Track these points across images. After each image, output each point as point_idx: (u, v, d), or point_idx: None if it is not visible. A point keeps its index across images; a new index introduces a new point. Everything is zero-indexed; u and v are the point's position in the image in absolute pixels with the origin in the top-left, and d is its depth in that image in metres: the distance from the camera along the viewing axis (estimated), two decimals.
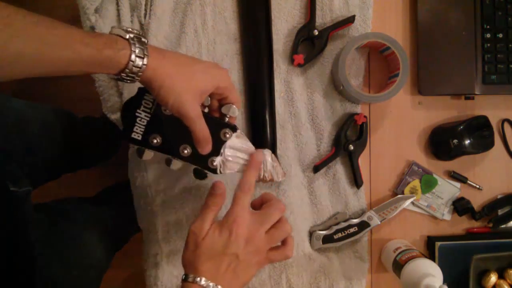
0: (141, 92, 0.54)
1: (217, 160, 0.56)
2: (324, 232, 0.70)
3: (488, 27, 0.70)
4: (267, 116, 0.68)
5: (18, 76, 0.43)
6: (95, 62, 0.44)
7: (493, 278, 0.69)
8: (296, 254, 0.68)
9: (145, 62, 0.47)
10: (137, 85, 0.51)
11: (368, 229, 0.70)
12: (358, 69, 0.72)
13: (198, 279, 0.49)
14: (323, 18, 0.71)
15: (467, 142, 0.69)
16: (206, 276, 0.49)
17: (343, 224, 0.70)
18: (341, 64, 0.66)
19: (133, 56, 0.46)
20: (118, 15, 0.67)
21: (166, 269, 0.67)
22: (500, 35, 0.70)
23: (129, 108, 0.54)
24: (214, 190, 0.55)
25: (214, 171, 0.56)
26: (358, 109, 0.71)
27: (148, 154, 0.55)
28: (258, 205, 0.57)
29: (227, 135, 0.56)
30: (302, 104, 0.71)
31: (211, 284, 0.49)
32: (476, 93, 0.71)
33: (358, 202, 0.72)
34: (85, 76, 0.67)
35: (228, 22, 0.70)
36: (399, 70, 0.66)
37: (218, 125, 0.55)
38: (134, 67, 0.46)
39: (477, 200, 0.74)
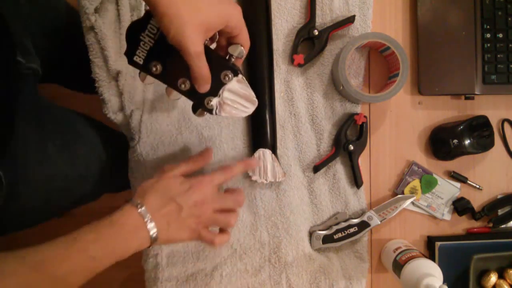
0: (148, 16, 0.50)
1: (214, 101, 0.54)
2: (324, 232, 0.70)
3: (488, 27, 0.70)
4: (267, 116, 0.68)
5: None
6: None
7: (493, 278, 0.69)
8: (296, 254, 0.68)
9: None
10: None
11: (368, 229, 0.70)
12: (358, 69, 0.72)
13: (140, 205, 0.52)
14: (323, 18, 0.71)
15: (467, 142, 0.69)
16: (147, 207, 0.52)
17: (343, 224, 0.70)
18: (341, 64, 0.66)
19: None
20: (118, 15, 0.67)
21: (166, 269, 0.67)
22: (500, 35, 0.70)
23: (134, 30, 0.51)
24: (202, 151, 0.62)
25: (210, 111, 0.55)
26: (358, 109, 0.71)
27: (149, 79, 0.53)
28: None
29: (227, 78, 0.53)
30: (302, 104, 0.71)
31: (148, 215, 0.52)
32: (476, 93, 0.71)
33: (358, 202, 0.72)
34: None
35: None
36: (399, 70, 0.66)
37: (221, 65, 0.52)
38: None
39: (477, 200, 0.74)
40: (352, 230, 0.70)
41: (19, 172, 0.57)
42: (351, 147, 0.69)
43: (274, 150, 0.69)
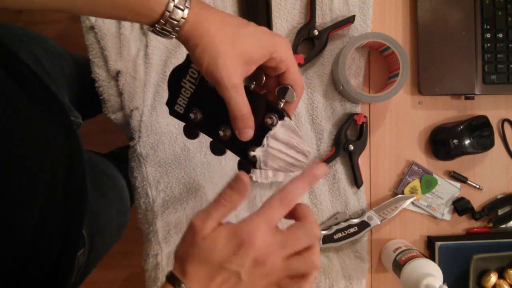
0: (189, 60, 0.46)
1: (257, 152, 0.45)
2: (324, 232, 0.70)
3: (488, 27, 0.70)
4: None
5: (36, 6, 0.38)
6: (125, 5, 0.39)
7: (493, 278, 0.69)
8: None
9: (184, 15, 0.39)
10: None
11: (368, 229, 0.70)
12: (358, 69, 0.72)
13: (181, 285, 0.39)
14: (323, 18, 0.71)
15: (467, 142, 0.69)
16: (193, 284, 0.39)
17: (343, 224, 0.70)
18: (341, 64, 0.66)
19: (170, 5, 0.39)
20: None
21: (166, 269, 0.67)
22: (500, 35, 0.70)
23: (176, 77, 0.47)
24: (234, 182, 0.42)
25: (253, 164, 0.46)
26: (358, 109, 0.71)
27: (195, 134, 0.48)
28: (288, 216, 0.44)
29: (271, 122, 0.44)
30: (302, 104, 0.71)
31: None
32: (476, 93, 0.71)
33: (358, 202, 0.72)
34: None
35: None
36: (399, 70, 0.66)
37: (265, 108, 0.44)
38: (170, 19, 0.39)
39: (477, 200, 0.74)
40: (352, 230, 0.70)
41: (93, 223, 0.58)
42: (351, 147, 0.69)
43: None
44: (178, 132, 0.68)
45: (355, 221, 0.70)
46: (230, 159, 0.69)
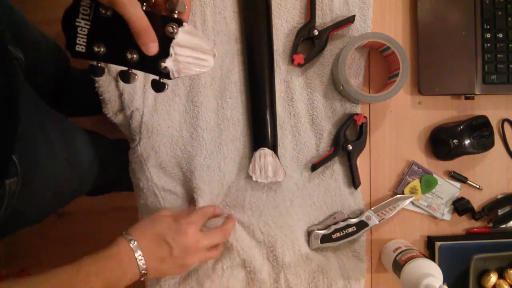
0: None
1: (168, 63, 0.49)
2: (322, 232, 0.70)
3: (488, 27, 0.70)
4: (267, 116, 0.68)
5: None
6: None
7: (493, 278, 0.69)
8: (293, 253, 0.68)
9: None
10: None
11: (366, 229, 0.70)
12: (358, 69, 0.72)
13: (133, 241, 0.56)
14: (323, 18, 0.71)
15: (467, 142, 0.69)
16: (141, 244, 0.56)
17: (342, 224, 0.70)
18: (341, 64, 0.66)
19: None
20: None
21: None
22: (500, 35, 0.70)
23: (68, 18, 0.48)
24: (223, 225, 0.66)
25: (167, 76, 0.50)
26: (358, 109, 0.71)
27: (101, 70, 0.50)
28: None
29: (173, 30, 0.48)
30: (302, 104, 0.71)
31: (139, 251, 0.55)
32: (476, 93, 0.71)
33: (355, 202, 0.72)
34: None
35: (228, 22, 0.70)
36: (399, 70, 0.66)
37: (161, 20, 0.48)
38: None
39: (477, 200, 0.74)
40: (350, 229, 0.70)
41: (31, 160, 0.58)
42: (350, 147, 0.69)
43: (275, 150, 0.69)
44: (178, 135, 0.68)
45: (354, 220, 0.70)
46: (229, 162, 0.70)
